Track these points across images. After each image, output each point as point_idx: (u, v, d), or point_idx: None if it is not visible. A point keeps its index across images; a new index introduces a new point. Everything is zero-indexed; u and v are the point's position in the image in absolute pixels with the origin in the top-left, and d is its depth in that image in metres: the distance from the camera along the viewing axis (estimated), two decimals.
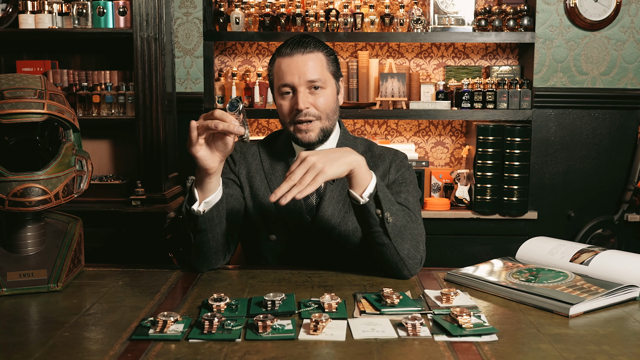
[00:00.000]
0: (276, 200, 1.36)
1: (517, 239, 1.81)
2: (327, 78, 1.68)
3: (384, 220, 1.48)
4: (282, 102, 1.68)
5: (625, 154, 3.18)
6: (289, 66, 1.65)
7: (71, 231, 1.55)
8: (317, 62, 1.66)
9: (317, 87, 1.66)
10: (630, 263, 1.44)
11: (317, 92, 1.66)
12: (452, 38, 3.14)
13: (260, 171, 1.76)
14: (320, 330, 1.17)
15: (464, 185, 3.21)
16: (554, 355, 1.09)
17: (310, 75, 1.64)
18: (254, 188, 1.75)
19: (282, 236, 1.73)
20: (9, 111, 1.35)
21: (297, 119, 1.65)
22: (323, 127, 1.68)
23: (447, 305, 1.31)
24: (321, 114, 1.67)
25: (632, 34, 3.12)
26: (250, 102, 3.25)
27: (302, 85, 1.65)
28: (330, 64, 1.70)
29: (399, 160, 1.77)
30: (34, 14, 2.95)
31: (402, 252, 1.51)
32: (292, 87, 1.65)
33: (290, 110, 1.67)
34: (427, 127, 3.44)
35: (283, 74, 1.66)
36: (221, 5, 3.25)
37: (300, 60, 1.65)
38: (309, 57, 1.66)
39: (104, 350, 1.10)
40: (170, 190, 2.99)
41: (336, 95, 1.73)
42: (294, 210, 1.70)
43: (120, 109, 3.02)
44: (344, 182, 1.71)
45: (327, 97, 1.68)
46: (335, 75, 1.72)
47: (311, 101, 1.65)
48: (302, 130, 1.66)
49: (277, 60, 1.69)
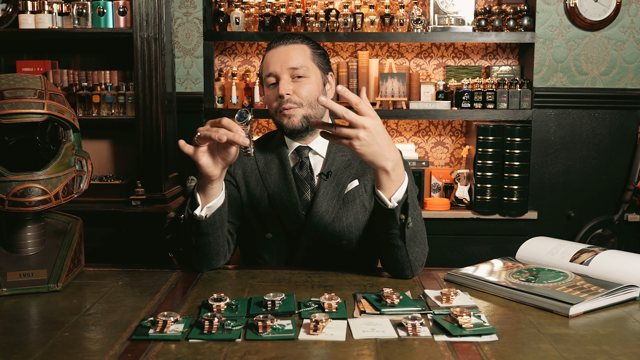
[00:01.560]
0: (325, 101, 1.33)
1: (517, 239, 1.81)
2: (311, 67, 1.70)
3: (405, 224, 1.47)
4: (268, 92, 1.72)
5: (625, 154, 3.18)
6: (272, 56, 1.69)
7: (71, 231, 1.55)
8: (299, 51, 1.69)
9: (299, 75, 1.67)
10: (630, 263, 1.44)
11: (300, 81, 1.68)
12: (452, 38, 3.14)
13: (255, 171, 1.78)
14: (320, 330, 1.17)
15: (464, 185, 3.21)
16: (554, 355, 1.09)
17: (291, 63, 1.67)
18: (249, 188, 1.76)
19: (277, 234, 1.73)
20: (9, 111, 1.35)
21: (280, 107, 1.67)
22: (306, 114, 1.68)
23: (447, 305, 1.31)
24: (303, 101, 1.67)
25: (632, 34, 3.12)
26: (250, 102, 3.25)
27: (285, 73, 1.67)
28: (315, 56, 1.72)
29: None
30: (34, 14, 2.95)
31: (412, 255, 1.51)
32: (276, 76, 1.68)
33: (274, 99, 1.70)
34: (427, 127, 3.44)
35: (267, 64, 1.70)
36: (221, 5, 3.25)
37: (283, 50, 1.69)
38: (292, 48, 1.69)
39: (104, 350, 1.10)
40: (170, 190, 2.99)
41: (322, 87, 1.73)
42: (290, 207, 1.71)
43: (120, 109, 3.02)
44: (338, 178, 1.73)
45: (311, 85, 1.69)
46: (321, 67, 1.73)
47: (293, 88, 1.67)
48: (285, 116, 1.68)
49: (265, 55, 1.73)
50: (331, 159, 1.75)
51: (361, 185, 1.74)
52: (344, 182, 1.73)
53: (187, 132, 3.17)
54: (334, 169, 1.73)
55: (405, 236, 1.48)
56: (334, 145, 1.75)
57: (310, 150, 1.75)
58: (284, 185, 1.73)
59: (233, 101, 3.25)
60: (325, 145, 1.76)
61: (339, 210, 1.71)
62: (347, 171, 1.74)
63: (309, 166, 1.74)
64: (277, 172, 1.75)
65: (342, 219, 1.71)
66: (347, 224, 1.71)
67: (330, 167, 1.74)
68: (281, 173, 1.75)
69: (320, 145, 1.75)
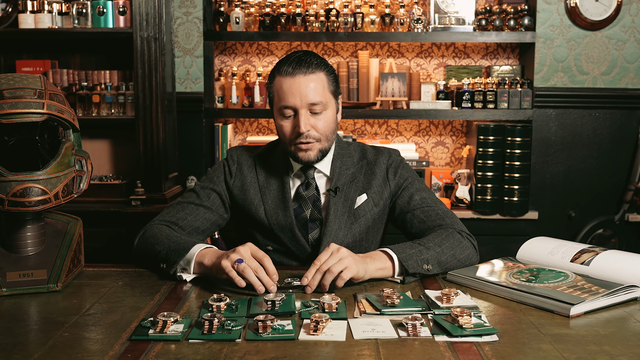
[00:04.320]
0: (306, 285, 1.40)
1: (518, 239, 1.81)
2: (328, 99, 1.68)
3: (426, 274, 1.54)
4: (283, 123, 1.68)
5: (626, 153, 3.18)
6: (290, 87, 1.64)
7: (71, 231, 1.55)
8: (319, 83, 1.65)
9: (318, 109, 1.65)
10: (631, 263, 1.44)
11: (318, 115, 1.66)
12: (453, 38, 3.14)
13: (255, 184, 1.78)
14: (320, 330, 1.16)
15: (464, 185, 3.21)
16: (555, 356, 1.08)
17: (312, 97, 1.64)
18: (247, 200, 1.77)
19: (277, 249, 1.75)
20: (8, 111, 1.35)
21: (297, 141, 1.66)
22: (322, 148, 1.69)
23: (448, 305, 1.31)
24: (321, 136, 1.67)
25: (633, 34, 3.12)
26: (250, 102, 3.25)
27: (304, 107, 1.64)
28: (330, 84, 1.69)
29: (394, 162, 1.80)
30: (33, 13, 2.95)
31: (460, 257, 1.60)
32: (294, 109, 1.65)
33: (291, 132, 1.67)
34: (428, 127, 3.44)
35: (284, 94, 1.65)
36: (221, 5, 3.25)
37: (302, 82, 1.63)
38: (311, 79, 1.64)
39: (103, 350, 1.10)
40: (170, 190, 2.99)
41: (335, 115, 1.73)
42: (285, 226, 1.72)
43: (120, 109, 3.02)
44: (345, 193, 1.74)
45: (328, 118, 1.68)
46: (335, 94, 1.71)
47: (312, 123, 1.66)
48: (302, 150, 1.67)
49: (278, 79, 1.67)
50: (336, 174, 1.75)
51: (369, 199, 1.75)
52: (352, 196, 1.74)
53: (187, 132, 3.17)
54: (340, 184, 1.74)
55: (439, 272, 1.55)
56: (338, 162, 1.77)
57: (315, 170, 1.76)
58: (281, 204, 1.73)
59: (233, 101, 3.25)
60: (329, 163, 1.77)
61: (352, 225, 1.73)
62: (354, 185, 1.76)
63: (315, 186, 1.75)
64: (277, 188, 1.76)
65: (355, 234, 1.73)
66: (359, 238, 1.74)
67: (336, 183, 1.75)
68: (280, 190, 1.75)
69: (324, 164, 1.76)
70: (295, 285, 1.43)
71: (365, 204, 1.74)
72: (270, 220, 1.73)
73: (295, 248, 1.72)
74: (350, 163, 1.78)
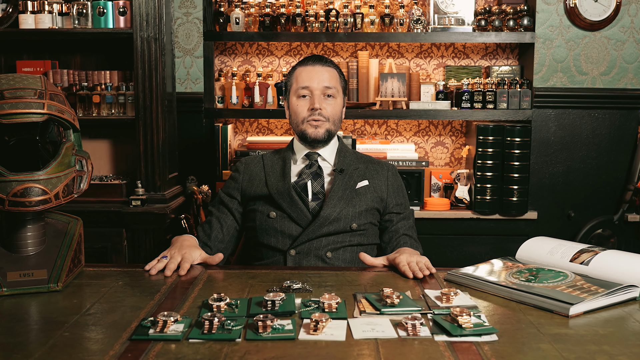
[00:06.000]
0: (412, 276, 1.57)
1: (517, 239, 1.81)
2: (339, 90, 1.99)
3: None
4: (299, 102, 1.95)
5: (625, 154, 3.18)
6: (310, 73, 1.95)
7: (71, 231, 1.55)
8: (333, 74, 1.98)
9: (330, 94, 1.94)
10: (630, 263, 1.44)
11: (329, 100, 1.95)
12: (452, 38, 3.14)
13: (261, 171, 2.00)
14: (320, 330, 1.17)
15: (464, 185, 3.21)
16: (554, 355, 1.09)
17: (326, 82, 1.94)
18: (253, 183, 1.97)
19: (279, 214, 1.88)
20: (9, 111, 1.35)
21: (310, 118, 1.92)
22: (329, 129, 1.95)
23: (447, 305, 1.31)
24: (329, 117, 1.94)
25: (632, 34, 3.12)
26: (250, 102, 3.25)
27: (319, 89, 1.94)
28: (341, 81, 2.01)
29: (392, 170, 2.05)
30: (34, 14, 2.95)
31: None
32: (310, 90, 1.93)
33: (306, 110, 1.94)
34: (427, 127, 3.44)
35: (303, 79, 1.95)
36: (221, 5, 3.25)
37: (320, 70, 1.96)
38: (327, 69, 1.97)
39: (104, 350, 1.10)
40: (170, 190, 2.99)
41: (342, 107, 2.01)
42: (284, 191, 1.89)
43: (120, 109, 3.02)
44: (349, 175, 1.94)
45: (337, 105, 1.97)
46: (343, 89, 2.02)
47: (324, 105, 1.94)
48: (313, 126, 1.92)
49: (299, 69, 1.98)
50: (341, 161, 1.97)
51: (370, 186, 1.96)
52: (355, 179, 1.95)
53: (187, 132, 3.17)
54: (344, 167, 1.96)
55: None
56: (341, 153, 2.00)
57: (319, 156, 1.98)
58: (281, 176, 1.93)
59: (233, 101, 3.25)
60: (333, 153, 2.00)
61: (352, 199, 1.90)
62: (357, 172, 1.97)
63: (318, 166, 1.96)
64: (280, 170, 1.96)
65: (356, 205, 1.90)
66: (359, 210, 1.89)
67: (341, 166, 1.96)
68: (282, 168, 1.95)
69: (328, 153, 1.99)
70: (295, 288, 1.43)
71: (366, 187, 1.94)
72: (270, 190, 1.91)
73: (294, 214, 1.86)
74: (352, 157, 2.01)
